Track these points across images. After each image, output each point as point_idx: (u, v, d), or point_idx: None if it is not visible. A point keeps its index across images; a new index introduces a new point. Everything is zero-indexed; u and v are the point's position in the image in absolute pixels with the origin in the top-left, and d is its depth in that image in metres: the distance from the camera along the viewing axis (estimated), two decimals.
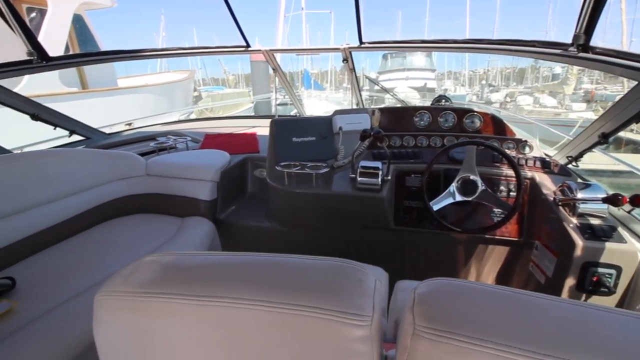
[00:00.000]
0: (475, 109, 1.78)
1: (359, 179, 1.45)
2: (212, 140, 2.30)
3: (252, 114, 7.53)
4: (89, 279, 1.17)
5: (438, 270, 1.68)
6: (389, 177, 1.49)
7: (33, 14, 4.64)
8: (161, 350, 0.49)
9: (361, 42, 2.25)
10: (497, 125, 1.73)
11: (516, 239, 1.50)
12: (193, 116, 7.21)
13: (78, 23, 5.34)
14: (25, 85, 4.39)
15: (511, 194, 1.50)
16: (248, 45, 2.40)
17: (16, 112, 1.88)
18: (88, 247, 1.41)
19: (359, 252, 1.68)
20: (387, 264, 1.12)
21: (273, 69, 2.63)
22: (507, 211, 1.35)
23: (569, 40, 1.25)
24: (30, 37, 1.70)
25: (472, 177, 1.38)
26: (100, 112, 4.86)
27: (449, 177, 1.48)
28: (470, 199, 1.38)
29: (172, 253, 0.55)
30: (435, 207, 1.41)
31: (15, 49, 1.74)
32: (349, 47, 2.32)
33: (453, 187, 1.40)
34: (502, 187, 1.51)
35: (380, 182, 1.43)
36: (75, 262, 1.29)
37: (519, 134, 1.76)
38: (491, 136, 1.69)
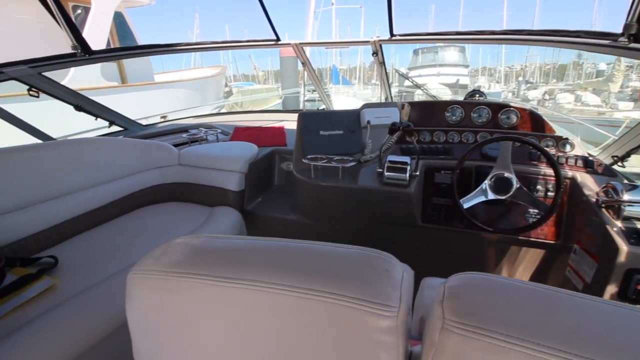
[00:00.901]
0: (512, 104, 1.69)
1: (386, 173, 1.42)
2: (242, 133, 2.34)
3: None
4: (124, 260, 1.24)
5: (467, 270, 1.62)
6: (418, 173, 1.45)
7: (78, 11, 4.94)
8: (188, 328, 0.50)
9: (392, 35, 2.20)
10: (535, 122, 1.64)
11: (552, 242, 1.42)
12: (224, 110, 7.40)
13: (118, 19, 5.63)
14: (71, 79, 4.69)
15: (549, 194, 1.42)
16: (278, 39, 2.42)
17: (61, 104, 2.01)
18: (123, 231, 1.48)
19: (383, 247, 1.64)
20: (412, 261, 1.09)
21: (302, 63, 2.63)
22: (544, 212, 1.28)
23: (619, 31, 1.16)
24: (75, 32, 1.80)
25: (506, 174, 1.31)
26: (138, 105, 5.11)
27: (481, 174, 1.42)
28: (504, 197, 1.32)
29: (201, 236, 0.56)
30: (466, 205, 1.36)
31: (60, 44, 1.85)
32: (379, 40, 2.28)
33: (486, 184, 1.34)
34: (539, 187, 1.43)
35: (408, 178, 1.40)
36: (111, 244, 1.36)
37: (559, 132, 1.66)
38: (528, 133, 1.61)
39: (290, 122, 2.67)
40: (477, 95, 1.99)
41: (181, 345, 0.51)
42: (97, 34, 4.83)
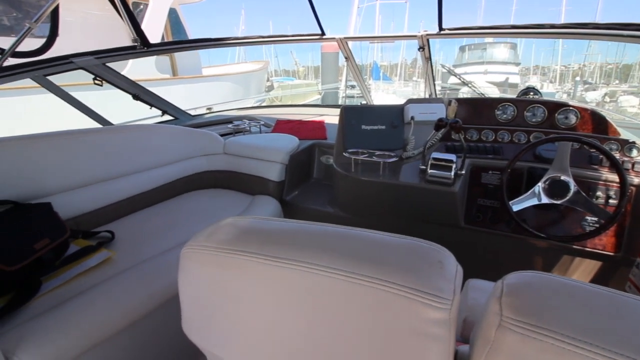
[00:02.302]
0: (571, 103, 1.57)
1: (429, 170, 1.38)
2: (283, 126, 2.39)
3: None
4: (173, 239, 1.31)
5: None
6: (464, 172, 1.40)
7: (140, 7, 5.32)
8: (235, 303, 0.52)
9: (441, 29, 2.12)
10: (598, 123, 1.51)
11: (611, 254, 1.30)
12: (264, 104, 7.58)
13: (172, 15, 5.97)
14: (129, 70, 5.05)
15: (610, 201, 1.31)
16: (323, 34, 2.42)
17: (117, 93, 2.16)
18: (172, 213, 1.58)
19: None
20: None
21: (345, 58, 2.62)
22: (604, 220, 1.18)
23: None
24: (136, 26, 1.93)
25: (563, 177, 1.22)
26: (187, 97, 5.40)
27: (533, 176, 1.34)
28: (558, 202, 1.23)
29: (251, 217, 0.58)
30: (515, 208, 1.29)
31: (119, 37, 2.00)
32: (427, 34, 2.21)
33: (539, 187, 1.26)
34: (599, 193, 1.32)
35: (453, 176, 1.35)
36: (162, 224, 1.45)
37: (624, 135, 1.51)
38: (589, 135, 1.48)
39: (330, 117, 2.68)
40: (532, 94, 1.87)
41: (228, 319, 0.53)
42: (153, 29, 5.17)
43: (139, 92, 2.17)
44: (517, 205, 1.29)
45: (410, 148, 1.61)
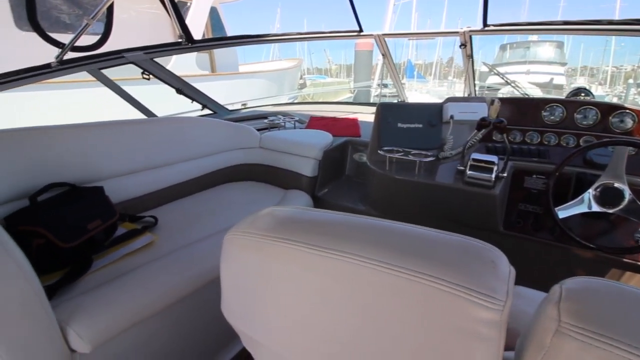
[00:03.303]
0: (628, 105, 1.46)
1: (468, 172, 1.34)
2: (317, 122, 2.40)
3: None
4: (211, 227, 1.37)
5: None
6: (505, 175, 1.34)
7: (188, 5, 5.57)
8: (277, 290, 0.52)
9: (485, 25, 2.04)
10: None
11: None
12: (297, 101, 7.67)
13: (213, 14, 6.19)
14: (172, 66, 5.30)
15: None
16: (360, 30, 2.41)
17: (158, 88, 2.27)
18: (210, 202, 1.64)
19: None
20: None
21: (382, 55, 2.59)
22: None
23: None
24: (182, 23, 2.02)
25: (617, 185, 1.14)
26: (224, 92, 5.59)
27: (583, 182, 1.26)
28: (611, 211, 1.15)
29: (294, 207, 0.59)
30: (561, 215, 1.22)
31: (163, 35, 2.10)
32: (470, 31, 2.13)
33: (589, 194, 1.19)
34: None
35: (493, 178, 1.30)
36: (200, 212, 1.52)
37: None
38: None
39: (363, 115, 2.66)
40: (583, 95, 1.75)
41: (268, 305, 0.55)
42: (196, 27, 5.39)
43: (182, 87, 2.26)
44: (563, 212, 1.22)
45: (447, 148, 1.57)
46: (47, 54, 1.66)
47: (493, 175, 1.30)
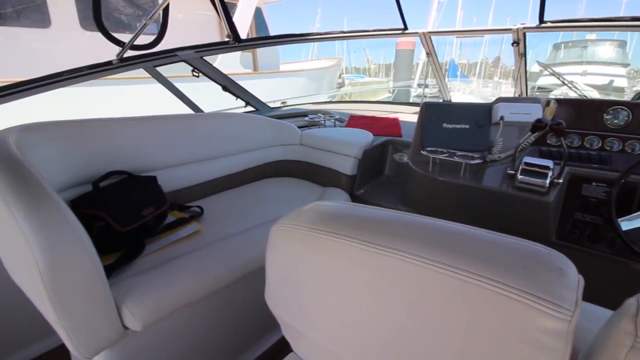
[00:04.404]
0: None
1: (519, 176, 1.26)
2: (357, 121, 2.39)
3: None
4: (253, 220, 1.41)
5: (612, 301, 1.34)
6: (561, 181, 1.25)
7: (233, 9, 5.81)
8: (323, 282, 0.53)
9: (542, 21, 1.91)
10: None
11: None
12: (336, 100, 7.69)
13: (257, 14, 6.38)
14: (218, 64, 5.55)
15: None
16: (405, 28, 2.36)
17: (204, 86, 2.36)
18: (252, 196, 1.70)
19: None
20: None
21: (427, 53, 2.52)
22: None
23: None
24: (230, 23, 2.10)
25: None
26: (265, 90, 5.75)
27: None
28: None
29: (342, 202, 0.59)
30: (624, 227, 1.12)
31: (209, 35, 2.18)
32: (524, 28, 2.01)
33: None
34: None
35: (547, 184, 1.22)
36: (243, 205, 1.57)
37: None
38: None
39: (404, 115, 2.61)
40: None
41: (312, 296, 0.55)
42: (241, 26, 5.59)
43: (228, 84, 2.35)
44: (627, 223, 1.12)
45: (496, 150, 1.49)
46: (107, 53, 1.80)
47: (547, 181, 1.22)
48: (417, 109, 2.95)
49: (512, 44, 2.13)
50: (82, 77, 1.76)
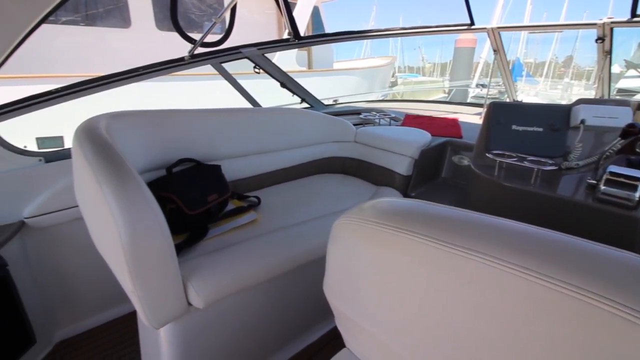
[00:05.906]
0: None
1: (602, 187, 1.14)
2: (413, 120, 2.32)
3: None
4: (308, 213, 1.44)
5: None
6: None
7: (294, 8, 6.00)
8: (389, 278, 0.51)
9: (635, 15, 1.70)
10: None
11: None
12: (388, 98, 7.56)
13: (314, 12, 6.47)
14: (275, 61, 5.76)
15: None
16: (472, 23, 2.23)
17: (260, 83, 2.43)
18: (306, 190, 1.73)
19: None
20: None
21: (494, 50, 2.36)
22: None
23: None
24: (292, 21, 2.15)
25: None
26: (318, 88, 5.84)
27: None
28: None
29: (411, 199, 0.58)
30: None
31: (266, 33, 2.25)
32: (612, 22, 1.80)
33: None
34: None
35: (637, 198, 1.08)
36: (298, 198, 1.61)
37: None
38: None
39: (463, 115, 2.48)
40: None
41: (374, 291, 0.54)
42: (300, 24, 5.73)
43: (286, 81, 2.41)
44: None
45: (573, 157, 1.36)
46: (176, 51, 1.95)
47: (637, 195, 1.08)
48: (478, 109, 2.78)
49: (596, 41, 1.91)
50: (157, 72, 1.91)
